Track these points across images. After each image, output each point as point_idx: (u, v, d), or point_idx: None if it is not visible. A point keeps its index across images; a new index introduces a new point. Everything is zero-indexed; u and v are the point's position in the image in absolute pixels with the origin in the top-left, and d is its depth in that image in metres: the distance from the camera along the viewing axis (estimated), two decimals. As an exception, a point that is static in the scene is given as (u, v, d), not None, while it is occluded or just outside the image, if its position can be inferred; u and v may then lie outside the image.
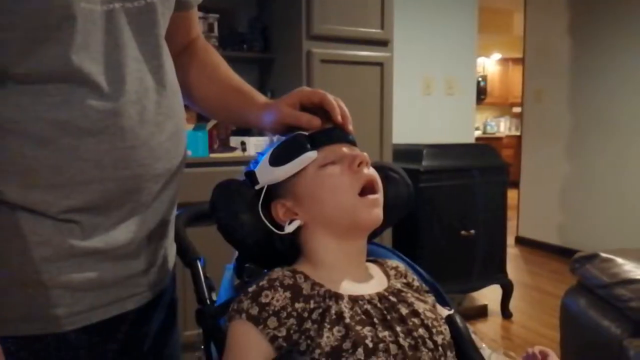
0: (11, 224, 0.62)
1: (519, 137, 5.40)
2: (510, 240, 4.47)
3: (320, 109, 0.81)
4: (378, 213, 0.76)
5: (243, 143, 2.41)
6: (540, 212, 4.58)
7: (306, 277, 0.73)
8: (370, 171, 0.77)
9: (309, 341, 0.66)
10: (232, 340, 0.69)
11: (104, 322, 0.71)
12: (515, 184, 4.64)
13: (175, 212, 0.85)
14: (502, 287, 3.00)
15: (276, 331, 0.67)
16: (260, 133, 2.47)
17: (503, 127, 9.12)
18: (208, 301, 0.88)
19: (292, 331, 0.67)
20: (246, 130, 2.54)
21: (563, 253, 4.07)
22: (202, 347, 0.89)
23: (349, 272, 0.76)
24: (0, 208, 0.62)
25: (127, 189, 0.69)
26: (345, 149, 0.78)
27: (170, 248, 0.86)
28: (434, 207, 2.70)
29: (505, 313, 3.02)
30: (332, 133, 0.79)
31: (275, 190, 0.79)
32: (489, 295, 3.12)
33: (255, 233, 0.77)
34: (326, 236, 0.77)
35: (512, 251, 4.37)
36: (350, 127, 0.80)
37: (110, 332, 0.74)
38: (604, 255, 1.57)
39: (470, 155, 2.88)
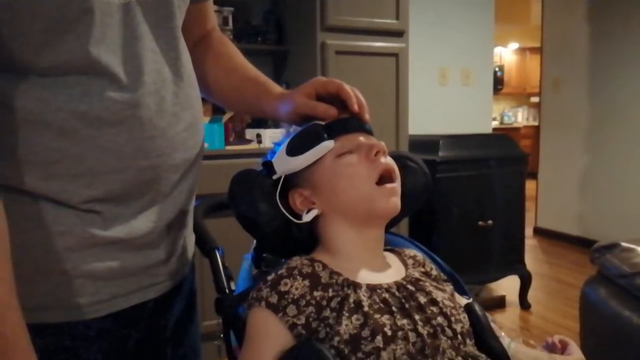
0: (34, 214, 0.63)
1: (536, 128, 5.33)
2: (529, 231, 4.43)
3: (337, 99, 0.80)
4: (396, 202, 0.76)
5: (259, 135, 2.42)
6: (559, 203, 4.52)
7: (324, 266, 0.73)
8: (388, 160, 0.77)
9: (327, 329, 0.66)
10: (252, 327, 0.70)
11: (125, 311, 0.72)
12: (534, 175, 4.58)
13: (193, 202, 0.86)
14: (520, 277, 2.98)
15: (295, 319, 0.67)
16: (276, 125, 2.48)
17: (520, 117, 9.02)
18: (227, 290, 0.89)
19: (311, 319, 0.67)
20: (262, 123, 2.55)
21: (582, 243, 4.02)
22: (222, 335, 0.90)
23: (366, 261, 0.76)
24: (23, 198, 0.63)
25: (146, 179, 0.70)
26: (362, 138, 0.78)
27: (189, 238, 0.87)
28: (451, 198, 2.69)
29: (524, 304, 2.99)
30: (348, 122, 0.79)
31: (292, 180, 0.79)
32: (507, 286, 3.10)
33: (273, 222, 0.77)
34: (344, 225, 0.77)
35: (530, 242, 4.33)
36: (367, 116, 0.80)
37: (131, 321, 0.75)
38: (624, 244, 1.55)
39: (487, 145, 2.86)
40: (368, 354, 0.63)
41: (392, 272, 0.78)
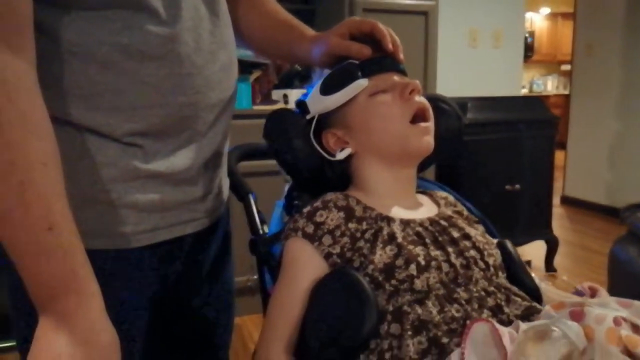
0: (80, 146, 0.66)
1: (566, 96, 5.20)
2: (556, 200, 4.37)
3: (371, 39, 0.80)
4: (429, 141, 0.76)
5: (285, 96, 2.42)
6: (588, 171, 4.44)
7: (358, 201, 0.74)
8: (422, 99, 0.77)
9: (362, 259, 0.68)
10: (288, 256, 0.72)
11: (166, 243, 0.75)
12: (562, 145, 4.50)
13: (227, 144, 0.88)
14: (546, 242, 2.96)
15: (331, 248, 0.69)
16: (303, 86, 2.47)
17: (550, 85, 8.79)
18: (261, 231, 0.91)
19: (345, 249, 0.69)
20: (289, 83, 2.54)
21: (610, 212, 3.96)
22: (256, 276, 0.93)
23: (399, 199, 0.77)
24: (69, 129, 0.65)
25: (184, 115, 0.71)
26: (396, 78, 0.78)
27: (224, 179, 0.88)
28: (479, 161, 2.66)
29: (549, 268, 2.98)
30: (382, 61, 0.79)
31: (325, 121, 0.80)
32: (533, 252, 3.08)
33: (308, 160, 0.79)
34: (377, 164, 0.78)
35: (557, 210, 4.28)
36: (402, 56, 0.80)
37: (171, 254, 0.78)
38: (657, 202, 1.53)
39: (517, 108, 2.81)
40: (402, 281, 0.65)
41: (425, 210, 0.79)
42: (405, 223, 0.72)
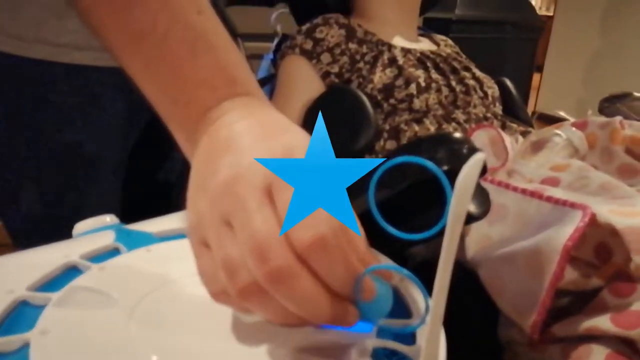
0: None
1: (549, 17, 5.09)
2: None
3: None
4: None
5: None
6: (564, 89, 4.45)
7: (359, 25, 0.71)
8: None
9: (361, 79, 0.65)
10: (284, 75, 0.69)
11: None
12: (539, 68, 4.45)
13: None
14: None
15: (329, 67, 0.66)
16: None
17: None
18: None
19: (344, 70, 0.66)
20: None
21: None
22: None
23: (401, 29, 0.74)
24: None
25: None
26: None
27: None
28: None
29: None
30: None
31: None
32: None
33: None
34: None
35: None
36: None
37: None
38: (637, 94, 1.52)
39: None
40: (401, 100, 0.63)
41: (426, 44, 0.76)
42: (407, 50, 0.69)
